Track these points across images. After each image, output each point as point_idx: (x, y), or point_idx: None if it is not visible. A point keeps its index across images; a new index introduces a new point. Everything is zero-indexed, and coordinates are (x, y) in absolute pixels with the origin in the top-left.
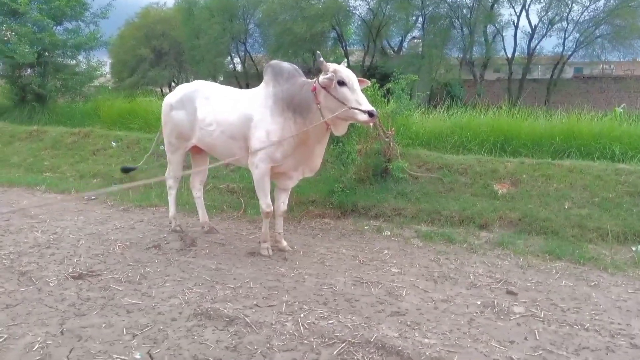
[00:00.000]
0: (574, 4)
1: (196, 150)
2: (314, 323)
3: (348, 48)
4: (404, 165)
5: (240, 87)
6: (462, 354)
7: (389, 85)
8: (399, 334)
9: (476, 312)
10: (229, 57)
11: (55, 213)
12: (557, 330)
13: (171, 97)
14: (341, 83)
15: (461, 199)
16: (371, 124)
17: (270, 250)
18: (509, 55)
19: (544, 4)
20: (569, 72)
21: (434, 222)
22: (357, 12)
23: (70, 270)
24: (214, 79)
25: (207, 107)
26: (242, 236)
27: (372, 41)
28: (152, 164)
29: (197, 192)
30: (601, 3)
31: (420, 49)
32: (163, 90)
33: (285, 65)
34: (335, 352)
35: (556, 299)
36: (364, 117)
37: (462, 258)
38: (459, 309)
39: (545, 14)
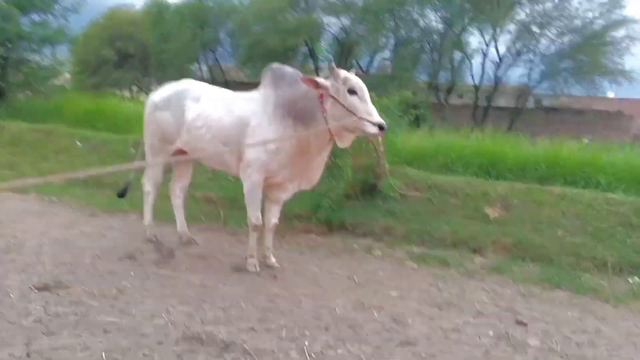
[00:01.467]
0: (541, 37)
1: (180, 154)
2: (321, 353)
3: (319, 64)
4: (395, 183)
5: None
6: None
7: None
8: None
9: (490, 344)
10: (197, 64)
11: (13, 215)
12: None
13: (156, 96)
14: (351, 92)
15: (452, 221)
16: (380, 138)
17: (258, 267)
18: (476, 82)
19: (512, 35)
20: (530, 102)
21: (426, 243)
22: (331, 30)
23: (34, 281)
24: None
25: (197, 108)
26: (225, 249)
27: (343, 59)
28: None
29: (177, 200)
30: (567, 38)
31: (390, 71)
32: (125, 93)
33: (288, 69)
34: None
35: (567, 331)
36: (373, 130)
37: (460, 283)
38: (472, 340)
39: (513, 45)
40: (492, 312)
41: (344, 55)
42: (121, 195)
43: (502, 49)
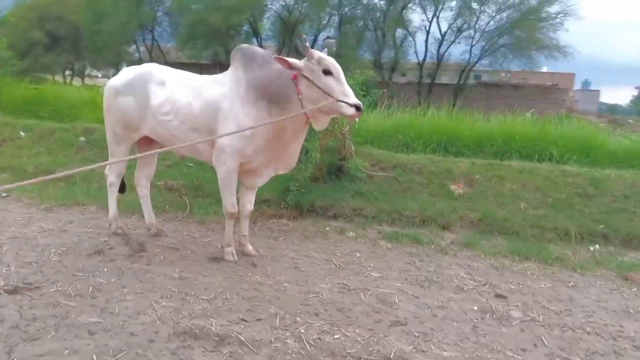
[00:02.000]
0: (481, 14)
1: (144, 142)
2: (319, 339)
3: (263, 44)
4: (361, 163)
5: None
6: None
7: None
8: (414, 347)
9: (477, 319)
10: (135, 46)
11: None
12: (562, 335)
13: (116, 81)
14: (327, 72)
15: (419, 199)
16: (356, 119)
17: (235, 255)
18: (420, 60)
19: (453, 12)
20: (471, 79)
21: (395, 222)
22: (274, 8)
23: (1, 283)
24: (117, 68)
25: (163, 93)
26: (196, 239)
27: (287, 38)
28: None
29: (143, 190)
30: (505, 14)
31: (335, 49)
32: (57, 77)
33: (258, 49)
34: None
35: (543, 301)
36: (350, 111)
37: (436, 260)
38: (458, 316)
39: (454, 22)
40: (471, 287)
41: (288, 33)
42: (122, 191)
43: (444, 27)
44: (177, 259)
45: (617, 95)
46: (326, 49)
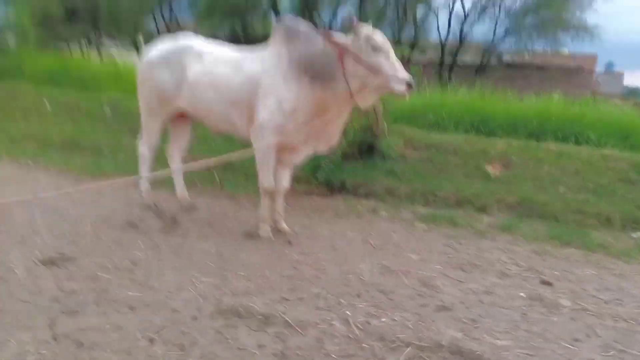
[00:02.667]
0: None
1: (177, 118)
2: (367, 323)
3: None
4: (394, 142)
5: None
6: (542, 357)
7: None
8: (464, 334)
9: (525, 306)
10: (153, 19)
11: None
12: (615, 326)
13: (152, 52)
14: (376, 49)
15: (454, 180)
16: (407, 96)
17: (271, 233)
18: (442, 39)
19: None
20: (493, 59)
21: (430, 203)
22: None
23: (36, 255)
24: (134, 41)
25: (200, 66)
26: (229, 215)
27: (306, 14)
28: None
29: (176, 164)
30: None
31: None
32: (75, 48)
33: (302, 23)
34: (402, 359)
35: (591, 289)
36: (401, 87)
37: (474, 243)
38: (505, 302)
39: (478, 0)
40: (515, 273)
41: (308, 10)
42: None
43: (468, 5)
44: (212, 235)
45: (638, 78)
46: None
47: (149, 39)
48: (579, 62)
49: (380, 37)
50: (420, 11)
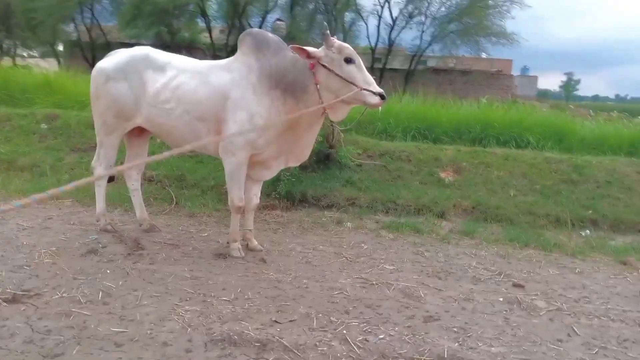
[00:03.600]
0: (432, 0)
1: (135, 133)
2: (365, 340)
3: (210, 25)
4: (351, 151)
5: (87, 59)
6: None
7: None
8: (459, 344)
9: (505, 310)
10: (73, 24)
11: None
12: (590, 324)
13: (107, 64)
14: (348, 60)
15: (412, 188)
16: (380, 108)
17: (242, 251)
18: (372, 45)
19: None
20: (421, 64)
21: (391, 211)
22: None
23: None
24: (53, 47)
25: (162, 79)
26: (193, 234)
27: (236, 19)
28: None
29: (134, 183)
30: (455, 1)
31: (284, 32)
32: None
33: (270, 35)
34: None
35: (559, 289)
36: (375, 100)
37: (441, 249)
38: (487, 308)
39: (405, 7)
40: (487, 277)
41: (237, 14)
42: (111, 180)
43: (396, 12)
44: (181, 257)
45: (547, 81)
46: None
47: (69, 46)
48: (495, 66)
49: (352, 49)
50: (349, 18)
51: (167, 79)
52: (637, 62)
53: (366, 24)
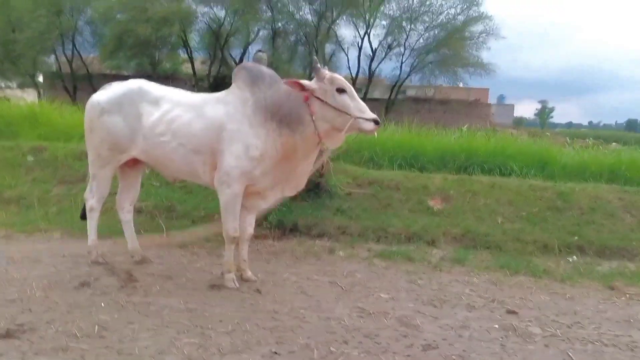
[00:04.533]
0: (410, 32)
1: (129, 164)
2: None
3: (193, 55)
4: (340, 180)
5: (68, 91)
6: None
7: None
8: None
9: (501, 337)
10: (54, 56)
11: None
12: (585, 349)
13: (102, 97)
14: (341, 90)
15: (402, 216)
16: (375, 133)
17: (237, 282)
18: (352, 75)
19: (384, 30)
20: (400, 94)
21: (382, 240)
22: (204, 20)
23: None
24: (33, 79)
25: (158, 112)
26: (185, 265)
27: (218, 50)
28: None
29: (127, 215)
30: (433, 33)
31: (266, 62)
32: None
33: (264, 68)
34: None
35: (551, 315)
36: (369, 126)
37: (435, 277)
38: (483, 335)
39: (384, 39)
40: (481, 305)
41: (218, 45)
42: (84, 217)
43: (375, 43)
44: (175, 289)
45: (523, 109)
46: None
47: (50, 77)
48: (473, 95)
49: (343, 79)
50: (329, 49)
51: (163, 112)
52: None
53: (347, 55)
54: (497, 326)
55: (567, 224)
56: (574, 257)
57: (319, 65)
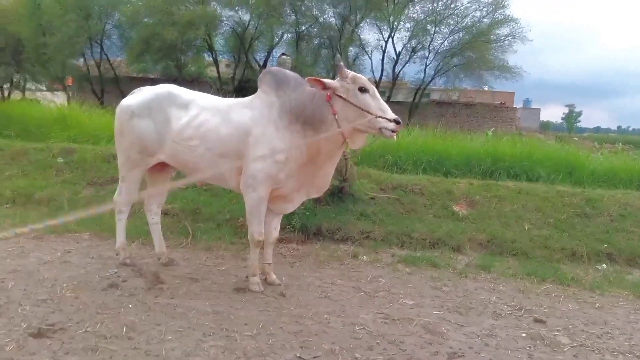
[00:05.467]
0: (435, 35)
1: (158, 167)
2: None
3: (218, 58)
4: (364, 185)
5: (96, 93)
6: None
7: None
8: None
9: (529, 347)
10: (83, 59)
11: None
12: None
13: (132, 101)
14: (363, 90)
15: (426, 221)
16: (395, 136)
17: (261, 285)
18: (376, 78)
19: (408, 33)
20: (424, 97)
21: (406, 245)
22: (229, 24)
23: (24, 326)
24: (63, 82)
25: (186, 117)
26: (211, 268)
27: (243, 53)
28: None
29: (154, 217)
30: (457, 36)
31: (289, 66)
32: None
33: (290, 72)
34: None
35: (580, 324)
36: (390, 126)
37: (460, 284)
38: (510, 344)
39: (408, 42)
40: (507, 312)
41: (242, 49)
42: None
43: (399, 47)
44: (201, 291)
45: (549, 113)
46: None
47: (78, 80)
48: (499, 98)
49: (365, 79)
50: (353, 52)
51: (191, 116)
52: (637, 93)
53: (370, 58)
54: (524, 335)
55: (596, 231)
56: (604, 265)
57: (342, 63)
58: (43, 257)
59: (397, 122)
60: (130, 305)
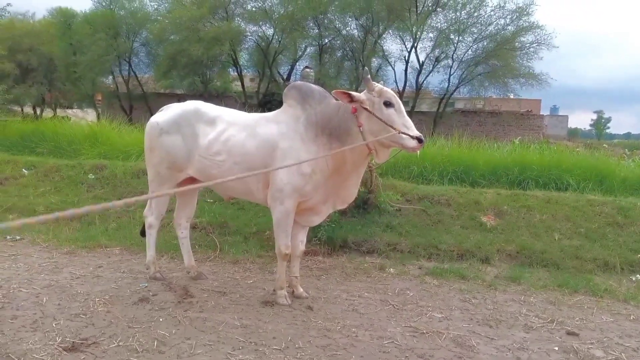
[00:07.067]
0: (459, 44)
1: (186, 183)
2: None
3: (242, 73)
4: (390, 196)
5: (125, 109)
6: None
7: None
8: None
9: None
10: (112, 77)
11: None
12: None
13: (161, 118)
14: (388, 104)
15: (453, 232)
16: (418, 152)
17: (289, 299)
18: (399, 89)
19: (432, 43)
20: (449, 106)
21: (433, 257)
22: (253, 38)
23: (58, 341)
24: (93, 99)
25: (213, 132)
26: (238, 281)
27: (267, 67)
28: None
29: (183, 231)
30: (481, 44)
31: (312, 79)
32: (31, 110)
33: (315, 86)
34: None
35: (615, 337)
36: (412, 143)
37: (489, 296)
38: (542, 358)
39: (432, 52)
40: (539, 325)
41: (267, 64)
42: (144, 233)
43: (423, 56)
44: (229, 304)
45: (577, 120)
46: (382, 82)
47: (107, 97)
48: (525, 106)
49: (392, 93)
50: (376, 63)
51: (218, 132)
52: None
53: (393, 69)
54: (556, 348)
55: (629, 240)
56: (638, 275)
57: (369, 76)
58: (76, 271)
59: (419, 140)
60: (161, 319)
